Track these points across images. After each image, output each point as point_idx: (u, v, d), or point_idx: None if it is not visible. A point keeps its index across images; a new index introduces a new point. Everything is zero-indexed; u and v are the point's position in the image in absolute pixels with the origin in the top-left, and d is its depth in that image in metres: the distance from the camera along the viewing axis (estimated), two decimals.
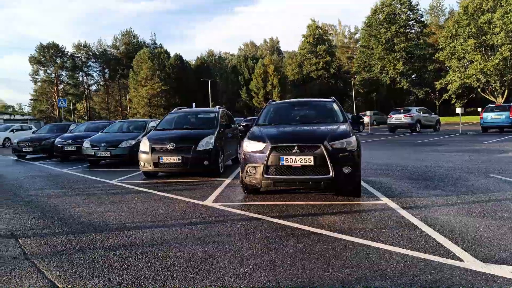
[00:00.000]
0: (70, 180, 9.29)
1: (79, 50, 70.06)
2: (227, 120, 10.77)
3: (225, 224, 4.84)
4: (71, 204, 6.36)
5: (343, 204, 5.72)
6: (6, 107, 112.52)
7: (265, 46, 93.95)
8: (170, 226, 4.81)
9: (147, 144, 8.71)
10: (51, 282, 3.19)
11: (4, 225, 5.09)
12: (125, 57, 69.10)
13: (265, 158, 5.69)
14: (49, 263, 3.64)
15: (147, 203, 6.24)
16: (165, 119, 10.43)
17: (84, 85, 73.49)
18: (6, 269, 3.51)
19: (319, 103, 7.91)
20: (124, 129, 14.04)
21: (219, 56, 78.99)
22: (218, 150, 8.83)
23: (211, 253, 3.78)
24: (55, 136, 15.66)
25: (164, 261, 3.62)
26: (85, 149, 12.10)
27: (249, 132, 6.62)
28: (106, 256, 3.78)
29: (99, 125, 16.59)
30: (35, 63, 66.56)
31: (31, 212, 5.88)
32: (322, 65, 62.03)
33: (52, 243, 4.26)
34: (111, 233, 4.57)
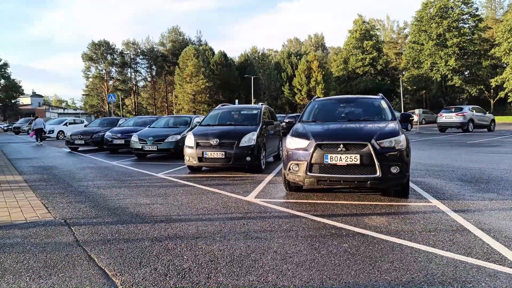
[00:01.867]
0: (119, 172, 9.68)
1: (128, 47, 72.86)
2: (270, 116, 10.75)
3: (268, 220, 4.83)
4: (119, 195, 6.62)
5: (390, 205, 5.53)
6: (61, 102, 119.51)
7: (309, 42, 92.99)
8: (214, 220, 4.87)
9: (192, 139, 8.89)
10: (101, 270, 3.33)
11: (58, 213, 5.38)
12: (172, 54, 71.01)
13: (308, 155, 5.61)
14: (99, 251, 3.80)
15: (192, 197, 6.36)
16: (209, 115, 10.60)
17: (132, 81, 76.35)
18: (61, 255, 3.70)
19: (366, 100, 7.68)
20: (170, 124, 14.43)
21: (262, 53, 79.08)
22: (260, 146, 8.85)
23: (254, 249, 3.78)
24: (105, 130, 16.41)
25: (208, 254, 3.66)
26: (133, 143, 12.57)
27: (292, 129, 6.55)
28: (152, 247, 3.88)
29: (146, 120, 17.17)
30: (87, 60, 70.03)
31: (83, 201, 6.18)
32: (368, 61, 60.43)
33: (102, 232, 4.44)
34: (157, 225, 4.70)
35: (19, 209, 5.65)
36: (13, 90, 65.97)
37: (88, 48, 69.22)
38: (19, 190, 7.20)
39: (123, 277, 3.17)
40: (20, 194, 6.79)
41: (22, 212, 5.46)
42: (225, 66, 63.57)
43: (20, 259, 3.59)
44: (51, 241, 4.12)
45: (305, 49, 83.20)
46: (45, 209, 5.64)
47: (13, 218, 5.10)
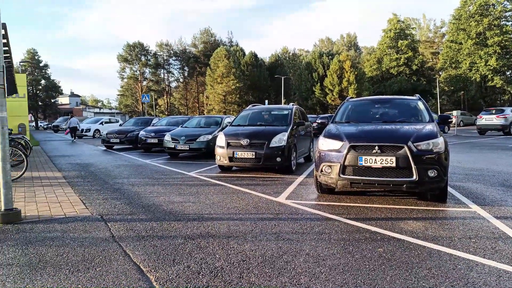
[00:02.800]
0: (153, 170, 9.89)
1: (161, 48, 74.40)
2: (301, 117, 10.67)
3: (299, 222, 4.78)
4: (153, 193, 6.75)
5: (427, 210, 5.34)
6: (97, 101, 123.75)
7: (341, 41, 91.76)
8: (245, 220, 4.87)
9: (223, 139, 8.96)
10: (136, 265, 3.40)
11: (95, 209, 5.55)
12: (203, 55, 71.91)
13: (342, 157, 5.51)
14: (134, 247, 3.89)
15: (223, 196, 6.40)
16: (240, 116, 10.64)
17: (165, 81, 77.88)
18: (98, 250, 3.81)
19: (402, 101, 7.47)
20: (202, 124, 14.62)
21: (293, 53, 78.85)
22: (291, 147, 8.80)
23: (286, 250, 3.75)
24: (139, 129, 16.83)
25: (240, 253, 3.67)
26: (166, 142, 12.82)
27: (325, 129, 6.47)
28: (185, 244, 3.93)
29: (179, 120, 17.47)
30: (122, 61, 72.04)
31: (118, 198, 6.35)
32: (403, 61, 58.81)
33: (136, 229, 4.54)
34: (189, 223, 4.76)
35: (59, 204, 5.88)
36: (52, 90, 68.83)
37: (123, 49, 71.24)
38: (59, 186, 7.49)
39: (157, 273, 3.22)
40: (59, 190, 7.07)
41: (61, 207, 5.68)
42: (255, 67, 63.73)
43: (60, 253, 3.72)
44: (89, 236, 4.25)
45: (337, 49, 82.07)
46: (82, 205, 5.84)
47: (53, 213, 5.31)
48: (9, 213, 4.87)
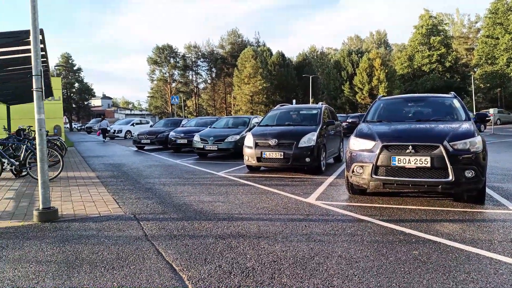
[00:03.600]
0: (183, 170, 10.03)
1: (189, 50, 75.44)
2: (330, 116, 10.53)
3: (330, 223, 4.71)
4: (184, 193, 6.84)
5: (464, 212, 5.14)
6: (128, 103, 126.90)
7: (371, 39, 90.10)
8: (275, 220, 4.84)
9: (251, 139, 8.96)
10: (169, 264, 3.44)
11: (128, 208, 5.68)
12: (230, 56, 72.37)
13: (374, 157, 5.39)
14: (166, 246, 3.94)
15: (252, 196, 6.40)
16: (268, 116, 10.61)
17: (193, 83, 78.91)
18: (131, 248, 3.88)
19: (437, 99, 7.23)
20: (230, 124, 14.71)
21: (321, 52, 78.05)
22: (320, 147, 8.69)
23: (318, 252, 3.69)
24: (169, 130, 17.13)
25: (271, 254, 3.64)
26: (195, 142, 12.98)
27: (356, 129, 6.34)
28: (216, 244, 3.95)
29: (207, 121, 17.66)
30: (152, 64, 73.56)
31: (150, 197, 6.47)
32: (435, 58, 57.01)
33: (168, 228, 4.60)
34: (220, 222, 4.78)
35: (93, 203, 6.05)
36: (85, 93, 71.05)
37: (153, 52, 72.74)
38: (93, 186, 7.72)
39: (190, 272, 3.25)
40: (93, 190, 7.28)
41: (96, 206, 5.84)
42: (282, 66, 63.55)
43: (95, 251, 3.82)
44: (122, 235, 4.34)
45: (367, 46, 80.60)
46: (116, 204, 5.98)
47: (88, 212, 5.47)
48: (47, 212, 5.05)
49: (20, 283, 3.09)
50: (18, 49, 7.15)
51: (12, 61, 8.22)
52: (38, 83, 5.14)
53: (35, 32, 5.12)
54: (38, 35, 5.17)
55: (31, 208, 5.73)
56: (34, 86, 5.12)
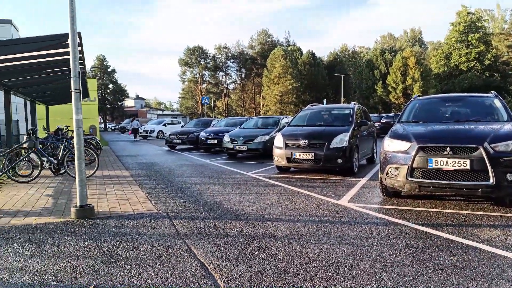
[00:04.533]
0: (213, 170, 10.12)
1: (220, 51, 76.18)
2: (363, 116, 10.32)
3: (364, 226, 4.61)
4: (214, 192, 6.89)
5: (506, 217, 4.90)
6: (159, 104, 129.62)
7: (405, 37, 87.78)
8: (306, 222, 4.79)
9: (281, 139, 8.92)
10: (201, 263, 3.46)
11: (161, 207, 5.78)
12: (260, 56, 72.51)
13: (410, 159, 5.23)
14: (198, 244, 3.97)
15: (282, 197, 6.37)
16: (298, 116, 10.53)
17: (223, 84, 79.66)
18: (165, 246, 3.95)
19: (476, 99, 6.94)
20: (259, 125, 14.73)
21: (353, 51, 76.86)
22: (352, 148, 8.53)
23: (351, 255, 3.62)
24: (199, 130, 17.36)
25: (303, 256, 3.60)
26: (225, 142, 13.08)
27: (391, 130, 6.18)
28: (247, 244, 3.94)
29: (236, 121, 17.78)
30: (183, 65, 74.83)
31: (182, 196, 6.57)
32: (474, 56, 54.79)
33: (200, 226, 4.65)
34: (250, 223, 4.78)
35: (127, 201, 6.20)
36: (119, 94, 73.17)
37: (184, 53, 73.97)
38: (127, 184, 7.91)
39: (222, 271, 3.26)
40: (127, 188, 7.46)
41: (130, 204, 5.98)
42: (313, 66, 63.06)
43: (129, 248, 3.91)
44: (156, 233, 4.42)
45: (400, 44, 78.57)
46: (149, 202, 6.10)
47: (123, 210, 5.61)
48: (84, 209, 5.22)
49: (59, 277, 3.20)
50: (57, 51, 7.42)
51: (51, 64, 8.55)
52: (76, 84, 5.32)
53: (74, 36, 5.30)
54: (76, 38, 5.35)
55: (69, 205, 5.94)
56: (72, 87, 5.30)
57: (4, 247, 3.96)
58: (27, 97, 13.50)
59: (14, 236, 4.36)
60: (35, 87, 11.55)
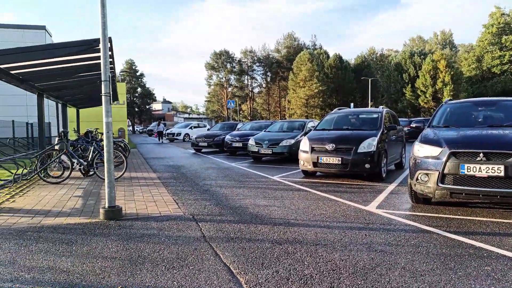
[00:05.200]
0: (238, 173, 10.14)
1: (245, 55, 76.62)
2: (391, 121, 10.09)
3: (393, 233, 4.48)
4: (239, 195, 6.89)
5: None
6: (186, 107, 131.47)
7: (435, 40, 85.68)
8: (333, 228, 4.71)
9: (307, 143, 8.83)
10: (227, 266, 3.45)
11: (187, 209, 5.82)
12: (286, 60, 72.45)
13: (441, 165, 5.07)
14: (224, 248, 3.97)
15: (308, 202, 6.29)
16: (325, 119, 10.41)
17: (249, 87, 80.00)
18: (190, 248, 3.96)
19: (510, 103, 6.65)
20: (284, 128, 14.66)
21: (381, 54, 75.60)
22: (381, 153, 8.34)
23: (379, 262, 3.52)
24: (225, 134, 17.46)
25: (330, 262, 3.54)
26: (250, 146, 13.10)
27: (421, 134, 6.01)
28: (273, 249, 3.91)
29: (262, 125, 17.77)
30: (210, 69, 75.70)
31: (207, 199, 6.60)
32: (508, 59, 52.81)
33: (225, 230, 4.65)
34: (276, 227, 4.74)
35: (154, 203, 6.28)
36: (147, 97, 74.72)
37: (211, 57, 74.86)
38: (154, 186, 8.03)
39: (247, 276, 3.24)
40: (154, 190, 7.57)
41: (156, 206, 6.06)
42: (340, 69, 62.43)
43: (156, 249, 3.95)
44: (182, 235, 4.45)
45: (430, 47, 76.73)
46: (175, 204, 6.16)
47: (150, 211, 5.68)
48: (112, 210, 5.32)
49: (88, 277, 3.26)
50: (88, 56, 7.64)
51: (82, 68, 8.81)
52: (107, 88, 5.45)
53: (105, 41, 5.43)
54: (107, 43, 5.48)
55: (97, 206, 6.07)
56: (103, 91, 5.44)
57: (35, 246, 4.08)
58: (59, 100, 13.96)
59: (45, 235, 4.50)
60: (67, 90, 11.93)
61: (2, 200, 6.60)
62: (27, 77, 8.55)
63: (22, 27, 26.90)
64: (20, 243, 4.18)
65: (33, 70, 7.95)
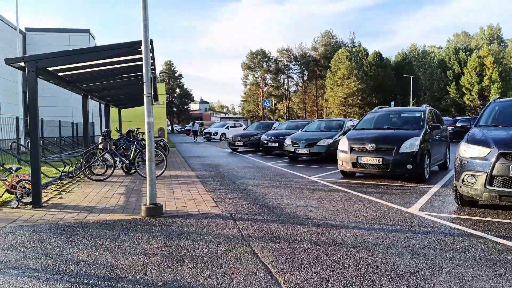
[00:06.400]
0: (274, 173, 10.12)
1: (282, 54, 76.49)
2: (435, 120, 9.70)
3: (437, 236, 4.30)
4: (276, 195, 6.88)
5: None
6: (222, 107, 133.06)
7: (481, 35, 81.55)
8: (373, 230, 4.59)
9: (346, 143, 8.66)
10: (265, 266, 3.45)
11: (225, 207, 5.88)
12: (323, 58, 71.61)
13: (489, 166, 4.81)
14: (262, 247, 3.97)
15: (347, 203, 6.17)
16: (365, 119, 10.17)
17: (285, 86, 79.79)
18: (229, 247, 4.00)
19: None
20: (322, 128, 14.46)
21: (423, 50, 72.95)
22: (424, 153, 8.03)
23: (423, 266, 3.39)
24: (261, 133, 17.49)
25: (370, 265, 3.45)
26: (287, 145, 13.03)
27: (467, 134, 5.73)
28: (312, 250, 3.86)
29: (298, 124, 17.64)
30: (246, 69, 76.22)
31: (244, 198, 6.64)
32: None
33: (263, 229, 4.65)
34: (314, 228, 4.68)
35: (193, 201, 6.39)
36: (185, 98, 76.34)
37: (247, 57, 75.36)
38: (192, 185, 8.18)
39: (286, 276, 3.22)
40: (193, 188, 7.71)
41: (195, 204, 6.16)
42: (379, 67, 60.88)
43: (196, 247, 4.01)
44: (220, 233, 4.50)
45: (476, 43, 73.14)
46: (213, 202, 6.24)
47: (189, 209, 5.79)
48: (153, 208, 5.47)
49: (131, 272, 3.36)
50: (129, 58, 7.89)
51: (124, 69, 9.13)
52: (148, 89, 5.60)
53: (146, 43, 5.59)
54: (148, 45, 5.64)
55: (139, 203, 6.26)
56: (145, 91, 5.59)
57: (81, 241, 4.26)
58: (102, 101, 14.54)
59: (90, 231, 4.69)
60: (109, 91, 12.40)
61: (50, 196, 6.96)
62: (73, 79, 8.96)
63: (67, 31, 28.23)
64: (67, 238, 4.39)
65: (79, 72, 8.32)
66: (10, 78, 22.16)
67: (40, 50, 21.51)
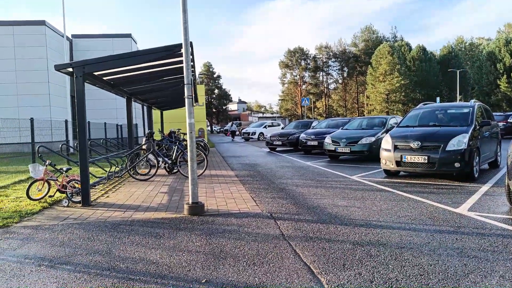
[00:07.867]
0: (314, 172, 10.02)
1: (320, 51, 75.58)
2: (485, 116, 9.20)
3: (488, 238, 4.08)
4: (317, 195, 6.80)
5: None
6: (260, 107, 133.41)
7: None
8: (419, 231, 4.43)
9: (390, 141, 8.41)
10: (307, 266, 3.42)
11: (264, 207, 5.89)
12: (364, 54, 70.00)
13: None
14: (303, 247, 3.94)
15: (391, 203, 5.99)
16: (409, 115, 9.82)
17: (324, 84, 78.76)
18: (270, 246, 4.00)
19: None
20: (364, 126, 14.12)
21: (470, 43, 69.46)
22: (472, 151, 7.65)
23: (473, 269, 3.23)
24: (299, 132, 17.37)
25: (416, 267, 3.33)
26: (326, 144, 12.85)
27: None
28: (354, 250, 3.79)
29: (338, 122, 17.35)
30: (284, 67, 76.02)
31: (284, 197, 6.62)
32: None
33: (304, 229, 4.61)
34: (357, 228, 4.58)
35: (233, 200, 6.46)
36: (224, 98, 77.41)
37: (285, 56, 75.16)
38: (232, 184, 8.27)
39: (328, 276, 3.17)
40: (233, 187, 7.79)
41: (235, 203, 6.22)
42: (423, 61, 58.62)
43: (237, 245, 4.05)
44: (261, 232, 4.51)
45: None
46: (253, 202, 6.28)
47: (229, 208, 5.86)
48: (195, 206, 5.58)
49: (175, 269, 3.45)
50: (170, 61, 8.09)
51: (165, 72, 9.37)
52: (189, 91, 5.72)
53: (186, 45, 5.71)
54: (188, 48, 5.76)
55: (181, 202, 6.41)
56: (186, 93, 5.72)
57: (128, 239, 4.43)
58: (144, 103, 15.03)
59: (136, 228, 4.86)
60: (152, 94, 12.79)
61: (97, 195, 7.28)
62: (117, 83, 9.33)
63: (111, 36, 29.34)
64: (115, 235, 4.57)
65: (122, 76, 8.64)
66: (58, 83, 23.44)
67: (85, 55, 22.52)
